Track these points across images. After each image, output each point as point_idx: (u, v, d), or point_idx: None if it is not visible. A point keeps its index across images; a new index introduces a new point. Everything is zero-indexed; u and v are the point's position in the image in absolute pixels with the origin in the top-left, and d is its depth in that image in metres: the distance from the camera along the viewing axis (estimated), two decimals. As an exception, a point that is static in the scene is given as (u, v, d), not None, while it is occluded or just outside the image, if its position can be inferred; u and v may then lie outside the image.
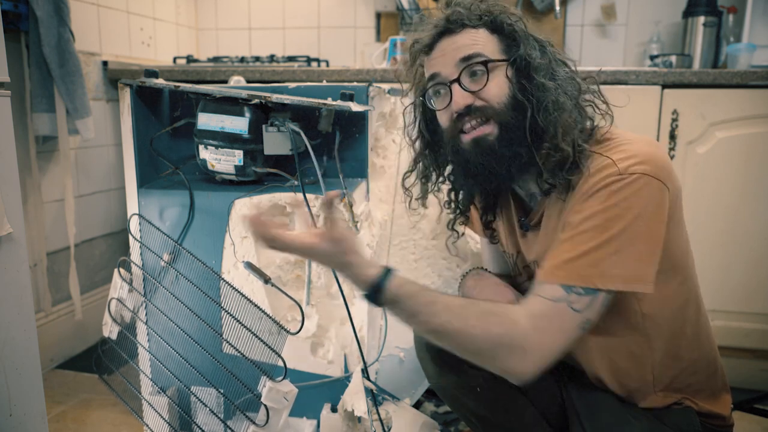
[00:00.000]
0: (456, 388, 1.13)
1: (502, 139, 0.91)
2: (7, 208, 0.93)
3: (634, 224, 0.83)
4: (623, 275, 0.83)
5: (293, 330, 1.11)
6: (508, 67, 0.92)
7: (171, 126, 1.41)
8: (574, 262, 0.84)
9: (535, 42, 0.93)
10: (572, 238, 0.86)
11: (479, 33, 0.93)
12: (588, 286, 0.83)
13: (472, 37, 0.93)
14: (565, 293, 0.84)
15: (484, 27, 0.93)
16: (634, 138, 0.91)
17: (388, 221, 1.47)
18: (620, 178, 0.84)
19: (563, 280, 0.84)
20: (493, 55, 0.92)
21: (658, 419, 0.97)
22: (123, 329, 1.34)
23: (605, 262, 0.83)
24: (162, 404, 1.37)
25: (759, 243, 1.72)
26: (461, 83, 0.92)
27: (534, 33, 0.94)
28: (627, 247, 0.83)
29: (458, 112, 0.92)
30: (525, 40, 0.92)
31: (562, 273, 0.85)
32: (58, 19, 1.69)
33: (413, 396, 1.51)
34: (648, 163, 0.84)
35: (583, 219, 0.85)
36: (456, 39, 0.93)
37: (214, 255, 1.34)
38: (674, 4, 2.22)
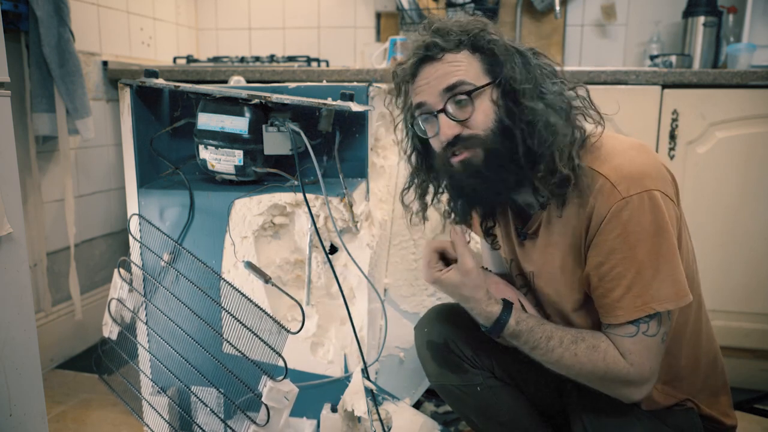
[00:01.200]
0: (456, 387, 1.13)
1: (487, 163, 0.91)
2: (7, 208, 0.93)
3: (655, 242, 0.85)
4: (669, 293, 0.87)
5: (293, 330, 1.11)
6: (493, 90, 0.91)
7: (171, 126, 1.41)
8: (624, 298, 0.88)
9: (518, 57, 0.91)
10: (609, 274, 0.88)
11: (460, 56, 0.91)
12: (648, 314, 0.87)
13: (453, 63, 0.91)
14: (636, 327, 0.89)
15: (465, 49, 0.92)
16: (623, 146, 0.91)
17: (388, 221, 1.47)
18: (625, 204, 0.85)
19: (627, 318, 0.88)
20: (476, 79, 0.90)
21: (660, 420, 0.97)
22: (123, 329, 1.34)
23: (651, 289, 0.86)
24: (162, 404, 1.37)
25: (759, 243, 1.72)
26: (447, 113, 0.91)
27: (516, 45, 0.92)
28: (660, 266, 0.86)
29: (446, 141, 0.93)
30: (507, 57, 0.90)
31: (621, 313, 0.88)
32: (58, 19, 1.69)
33: (413, 396, 1.51)
34: (644, 177, 0.86)
35: (607, 255, 0.88)
36: (437, 66, 0.92)
37: (214, 255, 1.34)
38: (674, 4, 2.22)
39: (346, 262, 1.33)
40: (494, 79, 0.90)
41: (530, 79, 0.90)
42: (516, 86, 0.89)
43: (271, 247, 1.35)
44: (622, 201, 0.85)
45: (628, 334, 0.89)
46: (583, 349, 0.91)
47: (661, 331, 0.89)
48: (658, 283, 0.86)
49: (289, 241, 1.35)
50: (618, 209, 0.85)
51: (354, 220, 1.28)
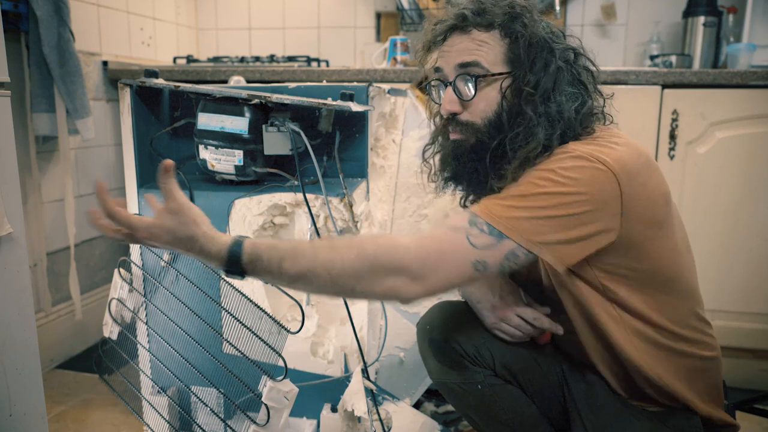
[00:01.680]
0: (457, 385, 1.14)
1: (474, 151, 0.91)
2: (7, 208, 0.93)
3: (566, 196, 0.81)
4: (530, 234, 0.81)
5: (293, 330, 1.11)
6: (505, 81, 0.89)
7: (171, 126, 1.41)
8: (492, 201, 0.85)
9: (545, 55, 0.88)
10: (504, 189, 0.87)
11: (487, 37, 0.89)
12: (491, 223, 0.81)
13: (477, 42, 0.90)
14: (468, 225, 0.81)
15: (496, 30, 0.89)
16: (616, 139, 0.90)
17: (388, 221, 1.47)
18: (570, 155, 0.84)
19: (474, 209, 0.84)
20: (493, 65, 0.89)
21: (660, 420, 0.97)
22: (123, 329, 1.34)
23: (519, 212, 0.82)
24: (162, 404, 1.37)
25: (759, 243, 1.72)
26: (454, 88, 0.91)
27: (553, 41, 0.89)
28: (548, 210, 0.81)
29: (444, 115, 0.93)
30: (532, 53, 0.88)
31: (477, 207, 0.85)
32: (58, 19, 1.69)
33: (413, 396, 1.51)
34: (608, 156, 0.83)
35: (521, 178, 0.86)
36: (462, 39, 0.91)
37: (214, 255, 1.34)
38: (674, 4, 2.22)
39: (346, 262, 1.33)
40: (512, 70, 0.89)
41: (544, 82, 0.87)
42: (524, 86, 0.87)
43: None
44: (566, 153, 0.85)
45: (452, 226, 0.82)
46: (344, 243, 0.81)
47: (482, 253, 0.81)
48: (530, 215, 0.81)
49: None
50: (562, 157, 0.84)
51: (354, 220, 1.28)
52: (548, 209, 0.81)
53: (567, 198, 0.81)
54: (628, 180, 0.83)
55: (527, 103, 0.87)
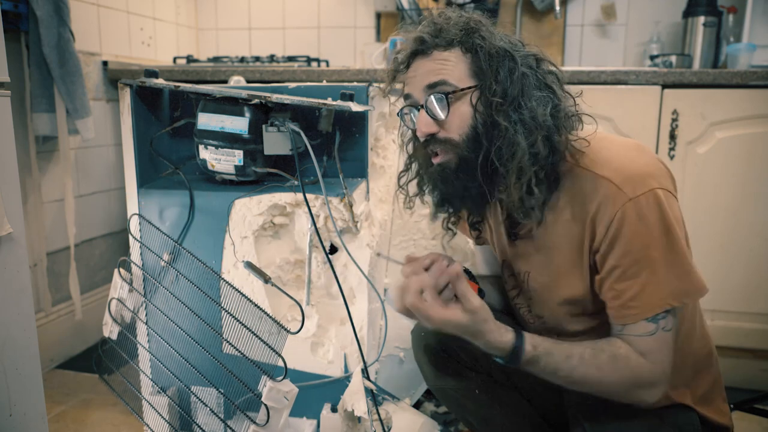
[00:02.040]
0: (454, 390, 1.13)
1: (460, 169, 0.91)
2: (7, 208, 0.93)
3: (666, 239, 0.85)
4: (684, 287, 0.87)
5: (293, 330, 1.11)
6: (473, 95, 0.90)
7: (171, 126, 1.41)
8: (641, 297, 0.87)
9: (508, 63, 0.89)
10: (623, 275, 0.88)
11: (449, 55, 0.90)
12: (665, 309, 0.87)
13: (440, 62, 0.90)
14: (655, 324, 0.88)
15: (457, 47, 0.90)
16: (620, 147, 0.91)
17: (388, 221, 1.47)
18: (633, 205, 0.85)
19: (645, 315, 0.88)
20: (460, 81, 0.90)
21: (658, 418, 0.97)
22: (123, 329, 1.34)
23: (665, 285, 0.86)
24: (162, 404, 1.37)
25: (759, 243, 1.72)
26: (427, 110, 0.91)
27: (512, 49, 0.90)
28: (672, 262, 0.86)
29: (422, 138, 0.93)
30: (494, 63, 0.88)
31: (638, 311, 0.88)
32: (58, 19, 1.69)
33: (413, 396, 1.51)
34: (648, 177, 0.86)
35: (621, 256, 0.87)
36: (425, 62, 0.92)
37: (214, 255, 1.34)
38: (674, 4, 2.22)
39: (346, 262, 1.33)
40: (479, 83, 0.89)
41: (511, 90, 0.88)
42: (491, 98, 0.88)
43: (271, 247, 1.35)
44: (630, 202, 0.85)
45: (647, 333, 0.88)
46: (605, 361, 0.89)
47: (675, 325, 0.89)
48: (672, 279, 0.86)
49: (289, 241, 1.35)
50: (627, 210, 0.85)
51: (354, 220, 1.28)
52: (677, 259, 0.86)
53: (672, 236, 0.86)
54: (671, 183, 0.90)
55: (499, 113, 0.88)
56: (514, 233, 1.03)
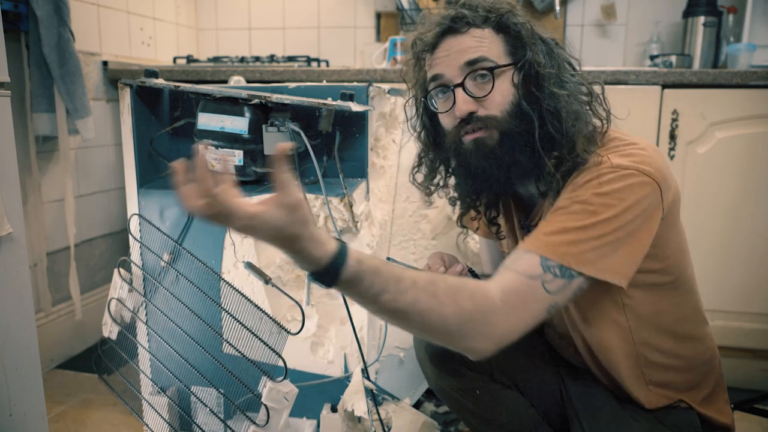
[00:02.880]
0: (455, 390, 1.13)
1: (502, 145, 0.89)
2: (7, 208, 0.93)
3: (622, 216, 0.82)
4: (599, 263, 0.82)
5: (293, 330, 1.11)
6: (515, 72, 0.89)
7: (171, 126, 1.41)
8: (555, 236, 0.83)
9: (542, 44, 0.90)
10: (558, 217, 0.85)
11: (485, 33, 0.90)
12: (563, 264, 0.81)
13: (477, 39, 0.89)
14: (542, 271, 0.81)
15: (490, 27, 0.90)
16: (636, 141, 0.90)
17: (388, 221, 1.47)
18: (614, 170, 0.84)
19: (541, 251, 0.82)
20: (499, 59, 0.89)
21: (658, 420, 0.97)
22: (123, 329, 1.34)
23: (585, 245, 0.82)
24: (162, 404, 1.37)
25: (759, 243, 1.72)
26: (465, 88, 0.89)
27: (541, 33, 0.92)
28: (610, 236, 0.82)
29: (461, 117, 0.90)
30: (532, 42, 0.89)
31: (541, 245, 0.83)
32: (58, 19, 1.69)
33: (413, 396, 1.51)
34: (645, 164, 0.84)
35: (572, 202, 0.85)
36: (461, 39, 0.90)
37: (214, 255, 1.33)
38: (674, 4, 2.22)
39: (346, 262, 1.33)
40: (517, 60, 0.89)
41: (553, 68, 0.89)
42: (540, 70, 0.88)
43: (271, 247, 1.35)
44: (612, 168, 0.84)
45: (527, 273, 0.81)
46: (444, 289, 0.77)
47: (556, 297, 0.82)
48: (596, 245, 0.82)
49: (289, 241, 1.35)
50: (605, 172, 0.84)
51: (354, 220, 1.28)
52: (610, 234, 0.82)
53: (624, 218, 0.82)
54: (666, 187, 0.86)
55: (550, 85, 0.88)
56: (526, 225, 1.02)
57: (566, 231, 0.83)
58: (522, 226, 1.04)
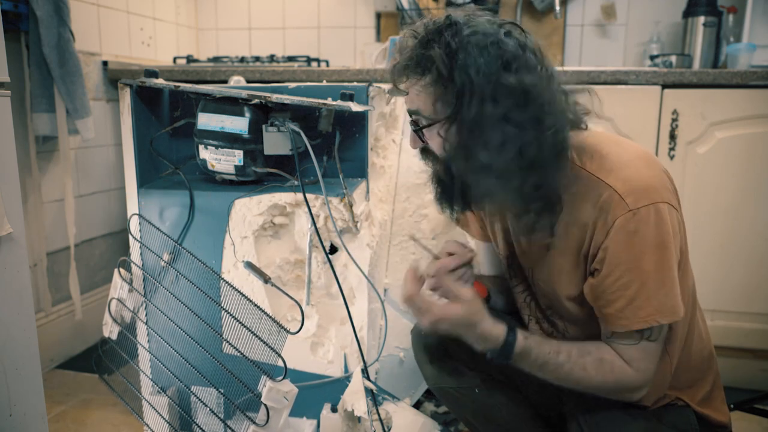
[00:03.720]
0: (454, 390, 1.13)
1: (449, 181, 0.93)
2: (7, 208, 0.93)
3: (660, 255, 0.86)
4: (670, 306, 0.87)
5: (293, 330, 1.11)
6: (441, 128, 0.89)
7: (171, 126, 1.41)
8: (628, 308, 0.87)
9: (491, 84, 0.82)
10: (613, 285, 0.88)
11: (419, 84, 0.89)
12: (653, 325, 0.88)
13: (413, 90, 0.90)
14: (639, 334, 0.89)
15: (430, 74, 0.87)
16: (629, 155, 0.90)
17: (388, 221, 1.47)
18: (632, 216, 0.85)
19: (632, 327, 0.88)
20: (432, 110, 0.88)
21: (656, 418, 0.97)
22: (123, 329, 1.34)
23: (654, 300, 0.87)
24: (162, 404, 1.37)
25: (759, 243, 1.72)
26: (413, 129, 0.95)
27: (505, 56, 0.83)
28: (663, 279, 0.86)
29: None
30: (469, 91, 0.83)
31: (625, 323, 0.88)
32: (58, 19, 1.69)
33: (413, 396, 1.51)
34: (651, 190, 0.86)
35: (612, 267, 0.87)
36: (407, 85, 0.92)
37: (214, 255, 1.34)
38: (674, 4, 2.22)
39: (346, 262, 1.33)
40: (447, 114, 0.87)
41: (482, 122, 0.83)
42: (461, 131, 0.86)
43: (271, 247, 1.35)
44: (630, 213, 0.85)
45: (632, 342, 0.90)
46: (590, 363, 0.91)
47: (661, 336, 0.91)
48: (662, 296, 0.87)
49: (289, 241, 1.35)
50: (625, 221, 0.85)
51: (354, 220, 1.28)
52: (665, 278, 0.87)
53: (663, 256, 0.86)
54: (674, 197, 0.89)
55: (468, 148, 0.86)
56: None
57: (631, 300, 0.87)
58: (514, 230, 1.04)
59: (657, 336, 0.89)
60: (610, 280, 0.88)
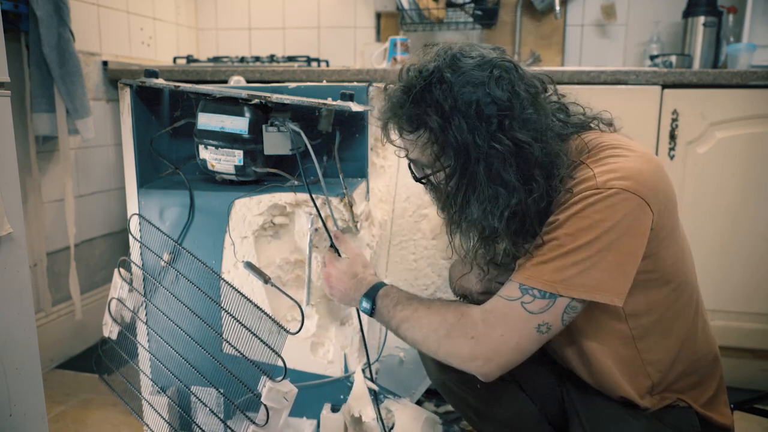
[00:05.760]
0: (456, 384, 1.14)
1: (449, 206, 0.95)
2: (7, 208, 0.93)
3: (605, 237, 0.83)
4: (587, 285, 0.84)
5: (293, 330, 1.11)
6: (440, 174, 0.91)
7: (171, 126, 1.41)
8: (540, 266, 0.86)
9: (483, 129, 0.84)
10: (542, 246, 0.87)
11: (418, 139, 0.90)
12: (547, 290, 0.85)
13: (408, 141, 0.93)
14: (521, 293, 0.86)
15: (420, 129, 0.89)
16: (629, 151, 0.90)
17: (388, 221, 1.47)
18: (596, 192, 0.84)
19: (523, 280, 0.86)
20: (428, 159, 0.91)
21: (658, 419, 0.97)
22: (123, 329, 1.34)
23: (569, 270, 0.84)
24: (162, 404, 1.37)
25: (759, 243, 1.72)
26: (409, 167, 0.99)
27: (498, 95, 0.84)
28: (594, 257, 0.83)
29: None
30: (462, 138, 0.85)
31: (525, 274, 0.86)
32: (58, 19, 1.69)
33: (413, 396, 1.51)
34: (629, 179, 0.84)
35: (554, 227, 0.86)
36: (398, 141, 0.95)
37: (214, 255, 1.34)
38: (674, 4, 2.22)
39: (346, 262, 1.33)
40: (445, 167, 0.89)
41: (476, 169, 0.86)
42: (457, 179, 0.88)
43: (271, 247, 1.35)
44: (595, 190, 0.84)
45: (506, 296, 0.88)
46: (438, 303, 0.95)
47: (541, 316, 0.85)
48: (581, 269, 0.83)
49: (289, 241, 1.35)
50: (587, 195, 0.84)
51: (354, 220, 1.28)
52: (594, 257, 0.83)
53: (608, 239, 0.83)
54: (655, 198, 0.85)
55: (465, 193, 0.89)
56: None
57: (550, 260, 0.85)
58: None
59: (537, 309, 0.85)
60: (545, 238, 0.86)
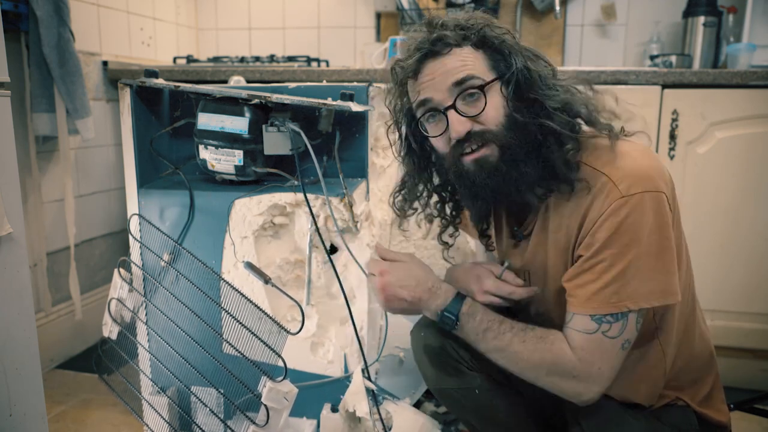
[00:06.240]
0: (454, 390, 1.13)
1: (504, 159, 0.90)
2: (7, 208, 0.93)
3: (648, 242, 0.84)
4: (651, 291, 0.86)
5: (293, 330, 1.11)
6: (503, 85, 0.90)
7: (171, 126, 1.41)
8: (601, 292, 0.86)
9: (523, 53, 0.91)
10: (593, 268, 0.87)
11: (466, 51, 0.90)
12: (618, 312, 0.86)
13: (460, 58, 0.90)
14: (597, 325, 0.87)
15: (470, 44, 0.91)
16: (626, 147, 0.90)
17: (388, 221, 1.47)
18: (625, 202, 0.84)
19: (592, 311, 0.87)
20: (485, 75, 0.90)
21: (656, 418, 0.97)
22: (123, 329, 1.34)
23: (630, 285, 0.85)
24: (162, 404, 1.37)
25: (759, 243, 1.72)
26: (458, 109, 0.89)
27: (521, 44, 0.93)
28: (647, 264, 0.85)
29: (457, 139, 0.91)
30: (515, 53, 0.90)
31: (591, 305, 0.87)
32: (58, 19, 1.69)
33: (413, 396, 1.51)
34: (646, 178, 0.85)
35: (599, 249, 0.86)
36: (444, 61, 0.90)
37: (214, 255, 1.34)
38: (674, 4, 2.22)
39: (346, 262, 1.33)
40: (502, 73, 0.90)
41: (536, 75, 0.90)
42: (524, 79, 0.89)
43: (271, 247, 1.35)
44: (622, 199, 0.85)
45: (585, 330, 0.88)
46: (531, 336, 0.92)
47: (622, 337, 0.88)
48: (640, 281, 0.85)
49: (289, 241, 1.35)
50: (617, 207, 0.85)
51: (354, 220, 1.28)
52: (645, 264, 0.85)
53: (648, 243, 0.85)
54: (666, 187, 0.88)
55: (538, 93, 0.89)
56: (519, 234, 1.03)
57: (608, 284, 0.86)
58: (514, 235, 1.04)
59: (617, 333, 0.87)
60: (592, 261, 0.87)
